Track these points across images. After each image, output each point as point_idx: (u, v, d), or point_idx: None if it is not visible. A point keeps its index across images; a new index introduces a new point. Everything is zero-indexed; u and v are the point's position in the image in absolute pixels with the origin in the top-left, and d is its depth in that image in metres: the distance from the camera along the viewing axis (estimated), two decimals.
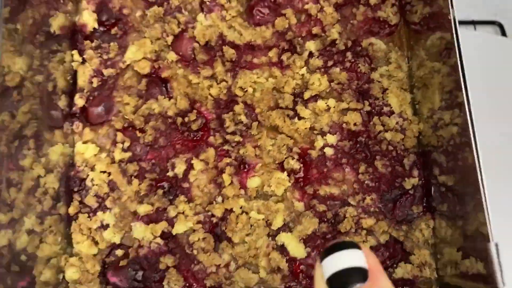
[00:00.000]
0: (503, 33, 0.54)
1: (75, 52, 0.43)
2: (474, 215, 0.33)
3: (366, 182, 0.39)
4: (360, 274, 0.23)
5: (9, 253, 0.38)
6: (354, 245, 0.24)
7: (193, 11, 0.44)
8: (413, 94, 0.41)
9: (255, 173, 0.41)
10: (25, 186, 0.41)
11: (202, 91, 0.43)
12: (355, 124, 0.40)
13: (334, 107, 0.40)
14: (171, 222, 0.40)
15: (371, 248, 0.38)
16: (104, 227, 0.40)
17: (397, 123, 0.40)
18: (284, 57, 0.42)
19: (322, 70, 0.42)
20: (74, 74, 0.44)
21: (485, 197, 0.31)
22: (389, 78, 0.41)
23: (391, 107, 0.40)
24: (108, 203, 0.41)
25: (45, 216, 0.40)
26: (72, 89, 0.44)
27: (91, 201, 0.41)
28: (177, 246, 0.40)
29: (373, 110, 0.41)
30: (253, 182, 0.41)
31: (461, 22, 0.52)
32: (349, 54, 0.42)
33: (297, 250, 0.38)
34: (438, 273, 0.38)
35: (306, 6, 0.43)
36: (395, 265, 0.38)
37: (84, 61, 0.44)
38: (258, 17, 0.43)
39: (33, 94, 0.43)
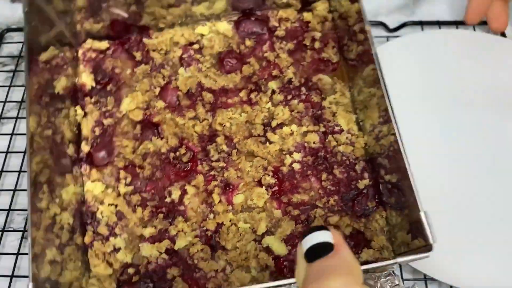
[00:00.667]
0: (502, 33, 0.60)
1: (78, 107, 0.52)
2: (415, 204, 0.43)
3: (328, 187, 0.49)
4: (328, 247, 0.32)
5: (34, 283, 0.44)
6: (323, 228, 0.33)
7: (174, 66, 0.54)
8: (356, 115, 0.51)
9: (239, 191, 0.49)
10: (43, 224, 0.47)
11: (188, 130, 0.51)
12: (314, 143, 0.50)
13: (296, 131, 0.50)
14: (172, 240, 0.48)
15: None
16: (116, 250, 0.47)
17: (346, 138, 0.50)
18: (252, 96, 0.52)
19: (284, 103, 0.52)
20: (78, 126, 0.52)
21: (414, 183, 0.41)
22: (336, 104, 0.51)
23: (341, 127, 0.51)
24: (117, 230, 0.48)
25: (64, 247, 0.47)
26: (77, 139, 0.52)
27: (103, 230, 0.48)
28: (179, 259, 0.47)
29: (327, 130, 0.50)
30: (238, 199, 0.49)
31: (459, 22, 0.62)
32: (303, 89, 0.52)
33: (280, 249, 0.47)
34: (394, 253, 0.46)
35: (265, 54, 0.53)
36: (360, 251, 0.46)
37: (86, 114, 0.52)
38: (228, 66, 0.53)
39: (43, 146, 0.50)
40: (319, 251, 0.32)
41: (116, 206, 0.49)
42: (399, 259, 0.36)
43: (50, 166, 0.50)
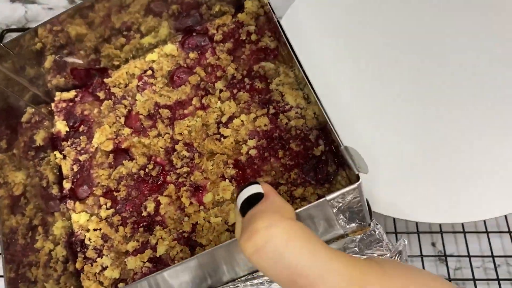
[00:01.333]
0: None
1: (56, 152, 0.57)
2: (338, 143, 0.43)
3: (287, 163, 0.49)
4: (258, 196, 0.33)
5: None
6: (252, 182, 0.35)
7: (133, 95, 0.59)
8: (302, 90, 0.52)
9: (208, 191, 0.51)
10: (42, 262, 0.52)
11: (154, 147, 0.55)
12: (265, 125, 0.51)
13: (246, 120, 0.52)
14: (154, 248, 0.50)
15: None
16: (104, 268, 0.50)
17: (296, 113, 0.51)
18: (203, 101, 0.55)
19: (231, 98, 0.54)
20: (59, 168, 0.57)
21: (330, 122, 0.41)
22: (283, 85, 0.53)
23: (290, 104, 0.52)
24: (104, 251, 0.51)
25: (60, 278, 0.51)
26: (60, 179, 0.57)
27: (91, 254, 0.51)
28: (163, 264, 0.49)
29: (277, 111, 0.52)
30: (207, 198, 0.51)
31: None
32: (246, 79, 0.54)
33: None
34: None
35: (208, 61, 0.57)
36: None
37: (64, 157, 0.57)
38: (178, 81, 0.57)
39: (34, 194, 0.56)
40: (250, 202, 0.33)
41: (100, 229, 0.52)
42: (329, 196, 0.36)
43: (42, 209, 0.55)
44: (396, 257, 0.45)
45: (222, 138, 0.52)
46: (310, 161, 0.49)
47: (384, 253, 0.45)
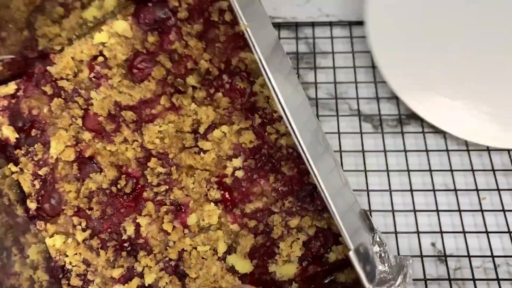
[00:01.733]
0: None
1: (11, 165, 0.49)
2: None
3: (280, 189, 0.42)
4: None
5: None
6: None
7: (88, 89, 0.48)
8: None
9: (191, 210, 0.45)
10: (24, 286, 0.49)
11: (122, 155, 0.47)
12: (251, 142, 0.42)
13: (228, 132, 0.43)
14: (141, 276, 0.46)
15: (304, 242, 0.42)
16: None
17: (286, 127, 0.42)
18: (174, 100, 0.45)
19: (208, 99, 0.44)
20: (18, 184, 0.50)
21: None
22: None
23: (278, 112, 0.42)
24: (89, 277, 0.48)
25: None
26: (23, 197, 0.50)
27: (75, 281, 0.48)
28: None
29: (264, 120, 0.43)
30: (191, 219, 0.45)
31: None
32: (225, 76, 0.43)
33: (244, 267, 0.43)
34: None
35: (173, 46, 0.45)
36: (329, 250, 0.41)
37: (21, 170, 0.49)
38: (138, 74, 0.46)
39: None
40: None
41: (80, 254, 0.48)
42: None
43: (12, 227, 0.50)
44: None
45: (201, 153, 0.44)
46: (305, 187, 0.42)
47: None
